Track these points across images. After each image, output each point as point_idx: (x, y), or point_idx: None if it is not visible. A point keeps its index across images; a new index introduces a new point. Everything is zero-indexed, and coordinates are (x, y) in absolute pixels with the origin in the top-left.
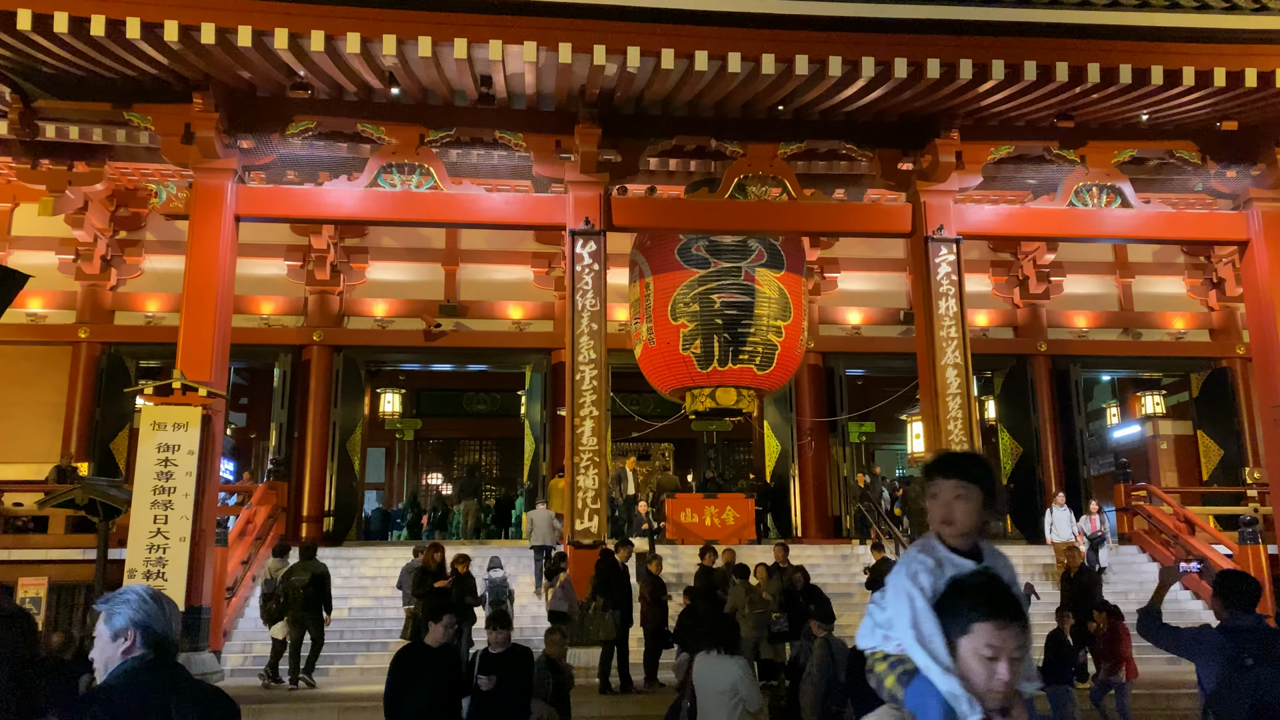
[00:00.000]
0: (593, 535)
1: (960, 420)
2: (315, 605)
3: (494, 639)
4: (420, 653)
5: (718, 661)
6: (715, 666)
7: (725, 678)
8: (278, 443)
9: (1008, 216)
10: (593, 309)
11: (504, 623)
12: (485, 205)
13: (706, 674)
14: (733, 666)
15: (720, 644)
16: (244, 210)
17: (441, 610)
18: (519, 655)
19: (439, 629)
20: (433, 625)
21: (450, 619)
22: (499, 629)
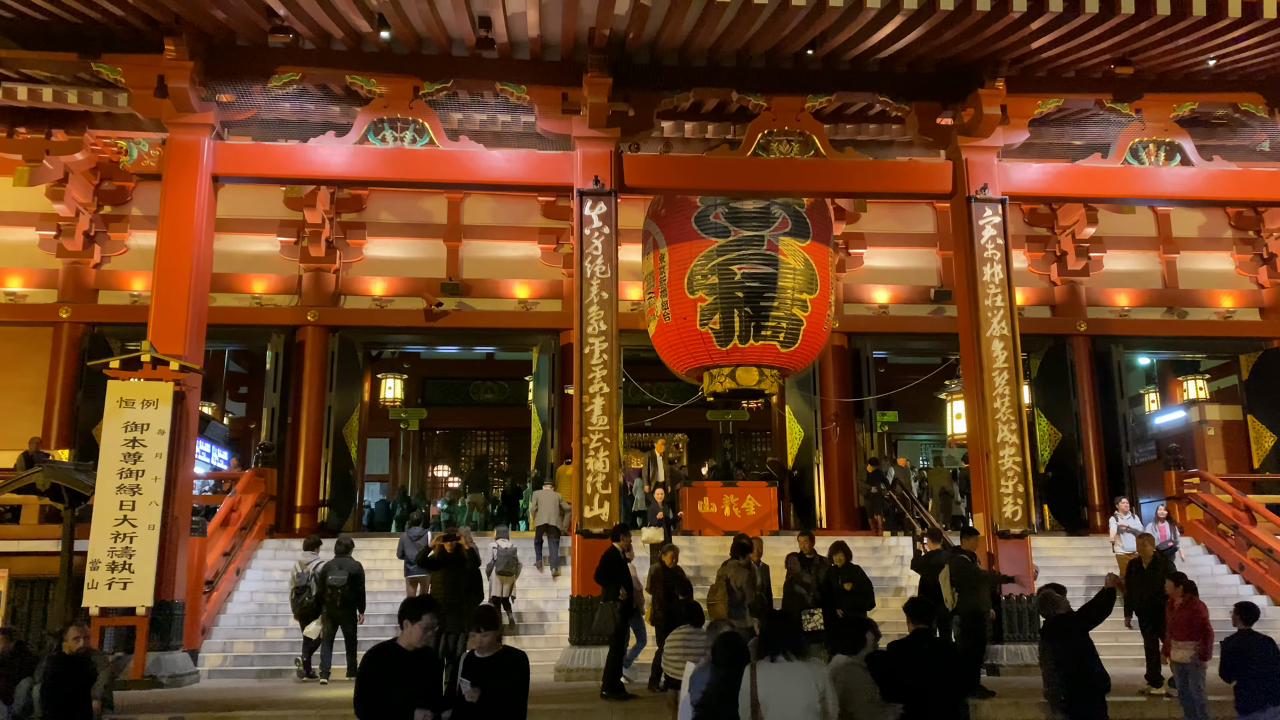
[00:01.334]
0: (603, 523)
1: (1007, 398)
2: (351, 603)
3: (480, 641)
4: (394, 657)
5: (790, 671)
6: (789, 677)
7: (805, 691)
8: (269, 428)
9: (1057, 175)
10: (602, 276)
11: (491, 622)
12: (485, 164)
13: (778, 689)
14: (809, 673)
15: (786, 646)
16: (222, 169)
17: (420, 609)
18: (510, 661)
19: (416, 630)
20: (408, 625)
21: (430, 619)
22: (486, 629)
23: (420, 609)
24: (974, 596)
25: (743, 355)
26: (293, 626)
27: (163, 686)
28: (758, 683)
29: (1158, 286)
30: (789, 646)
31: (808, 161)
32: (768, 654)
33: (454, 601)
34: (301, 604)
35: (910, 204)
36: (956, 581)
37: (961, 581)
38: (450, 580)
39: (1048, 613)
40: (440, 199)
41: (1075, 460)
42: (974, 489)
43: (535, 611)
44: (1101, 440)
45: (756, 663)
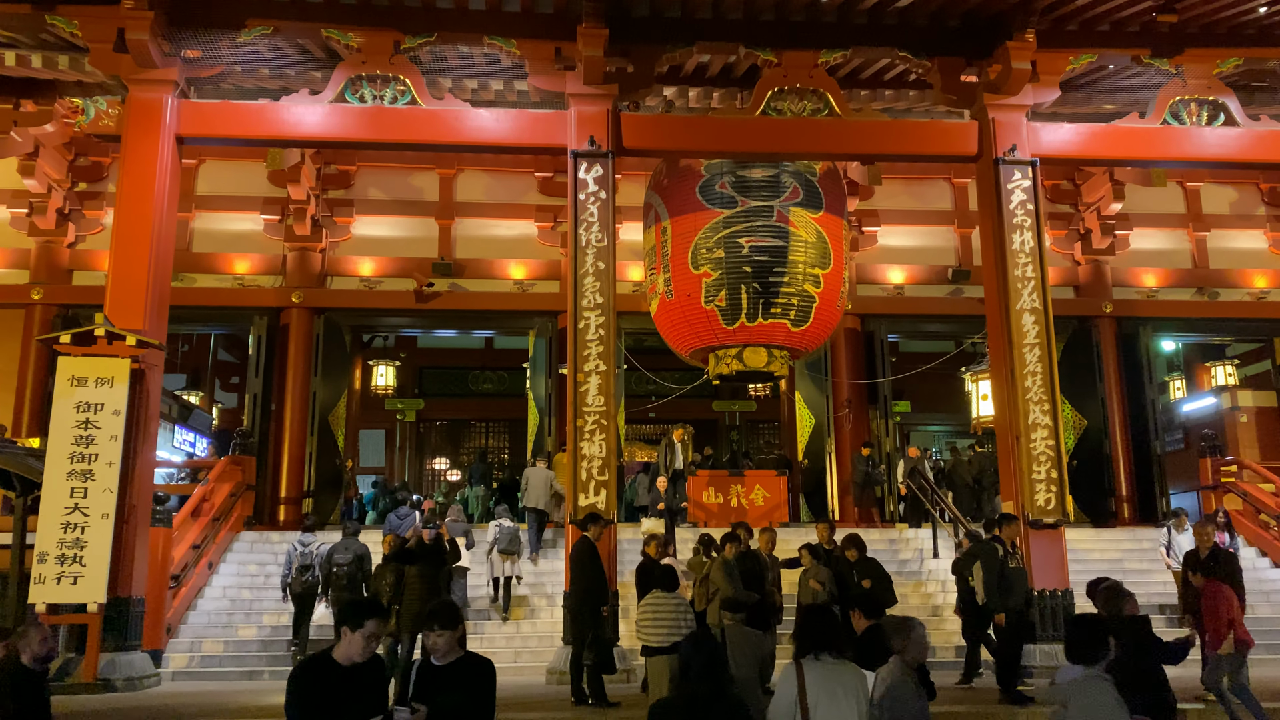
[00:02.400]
0: (600, 512)
1: (1039, 376)
2: (357, 586)
3: (435, 643)
4: (328, 674)
5: (837, 672)
6: (839, 679)
7: (854, 696)
8: (251, 415)
9: (1091, 136)
10: (599, 244)
11: (449, 619)
12: (471, 123)
13: (829, 692)
14: (856, 676)
15: (829, 643)
16: (187, 129)
17: (361, 613)
18: (472, 671)
19: (356, 640)
20: (347, 634)
21: (375, 626)
22: (441, 628)
23: (361, 613)
24: (1010, 591)
25: (750, 335)
26: (266, 625)
27: (116, 690)
28: (806, 684)
29: (1187, 266)
30: (831, 644)
31: (822, 121)
32: (811, 652)
33: (434, 596)
34: (304, 584)
35: (927, 179)
36: (989, 574)
37: (993, 573)
38: (428, 576)
39: (1114, 610)
40: (432, 174)
41: (1101, 448)
42: (1003, 475)
43: (516, 597)
44: (1129, 427)
45: (802, 661)
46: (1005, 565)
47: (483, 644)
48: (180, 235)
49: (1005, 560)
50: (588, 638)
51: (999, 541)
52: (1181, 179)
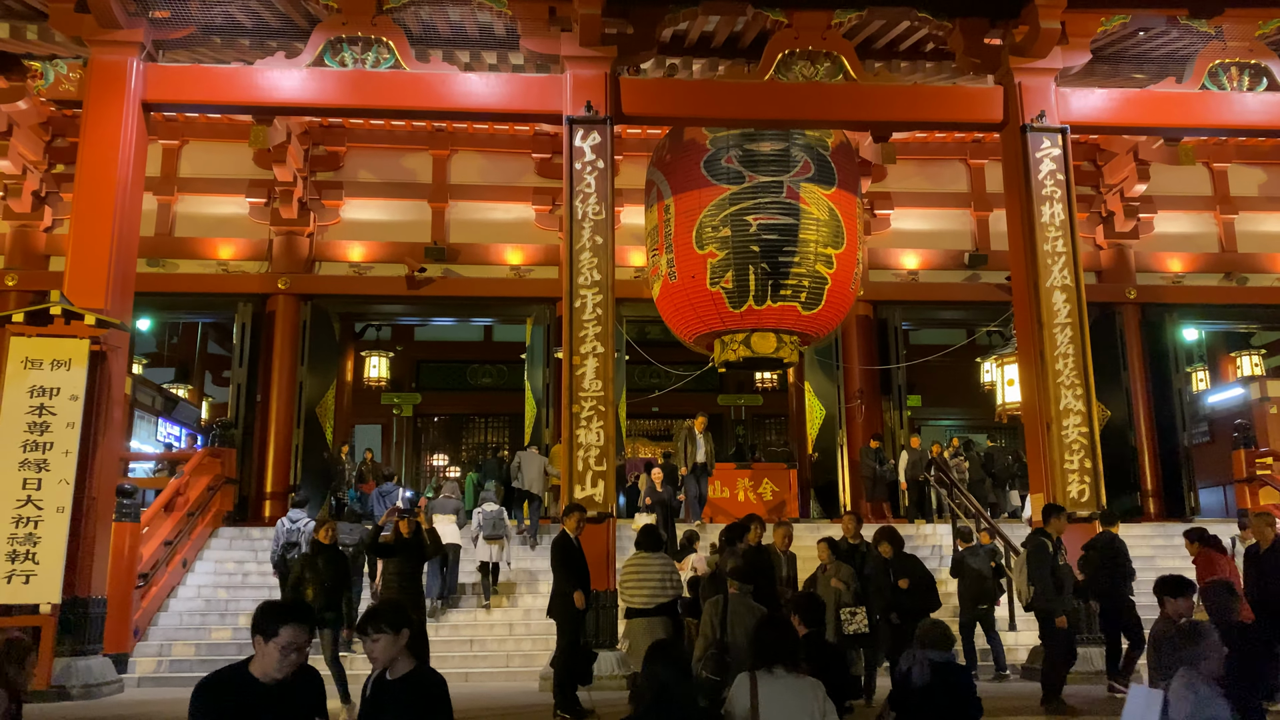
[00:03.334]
0: (597, 505)
1: (1071, 358)
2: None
3: (372, 649)
4: (243, 692)
5: (794, 685)
6: (794, 693)
7: (808, 707)
8: (235, 406)
9: (1125, 102)
10: (596, 217)
11: (396, 621)
12: (459, 89)
13: (782, 705)
14: (810, 691)
15: (786, 656)
16: (153, 95)
17: (276, 619)
18: (418, 691)
19: (270, 653)
20: (259, 644)
21: (293, 634)
22: (377, 630)
23: (273, 618)
24: (1058, 591)
25: (759, 318)
26: (242, 626)
27: (72, 698)
28: (759, 697)
29: (1214, 250)
30: (786, 657)
31: (836, 85)
32: (765, 664)
33: (412, 598)
34: (290, 561)
35: (941, 160)
36: (1040, 573)
37: (1045, 572)
38: (408, 571)
39: (1225, 613)
40: (424, 155)
41: (1126, 441)
42: (1031, 465)
43: (514, 585)
44: (1154, 419)
45: (756, 673)
46: (1055, 562)
47: (475, 631)
48: (162, 220)
49: (1055, 556)
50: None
51: (1046, 536)
52: (1208, 159)
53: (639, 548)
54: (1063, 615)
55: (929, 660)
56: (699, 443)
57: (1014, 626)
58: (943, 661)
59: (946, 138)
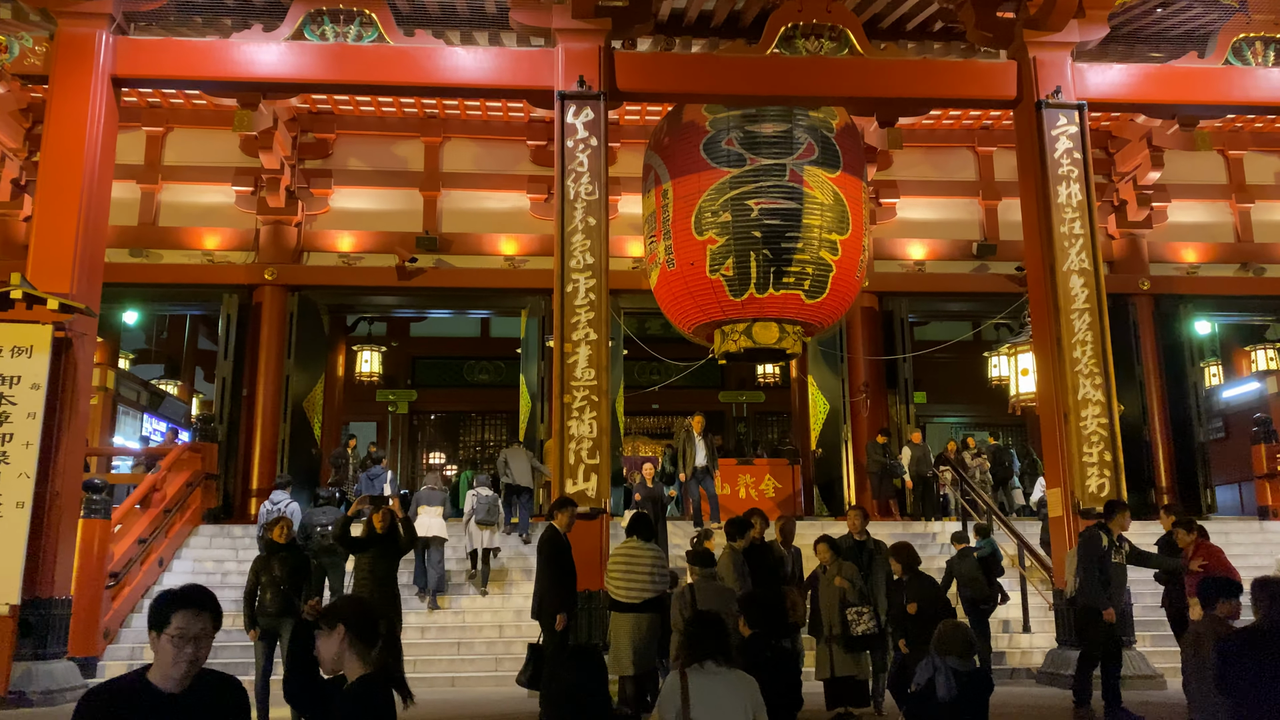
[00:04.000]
0: (589, 500)
1: (1090, 345)
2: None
3: (319, 649)
4: (134, 708)
5: (726, 680)
6: (725, 688)
7: (738, 706)
8: (219, 401)
9: (1145, 78)
10: (589, 198)
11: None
12: (446, 63)
13: (714, 702)
14: (743, 685)
15: (716, 650)
16: (123, 69)
17: (171, 603)
18: (358, 701)
19: (164, 649)
20: (154, 641)
21: (185, 621)
22: (320, 626)
23: (167, 604)
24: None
25: (760, 307)
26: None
27: (32, 704)
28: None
29: (1229, 240)
30: (718, 652)
31: (842, 60)
32: (696, 660)
33: (386, 599)
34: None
35: (948, 148)
36: (1089, 566)
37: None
38: (382, 569)
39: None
40: (416, 143)
41: (1140, 436)
42: (1047, 459)
43: (506, 572)
44: (1168, 414)
45: (688, 669)
46: (1108, 558)
47: (464, 634)
48: (146, 208)
49: (1109, 553)
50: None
51: (1104, 530)
52: (1224, 146)
53: (630, 534)
54: (1110, 609)
55: (953, 670)
56: (698, 444)
57: (1028, 628)
58: (967, 672)
59: (954, 124)
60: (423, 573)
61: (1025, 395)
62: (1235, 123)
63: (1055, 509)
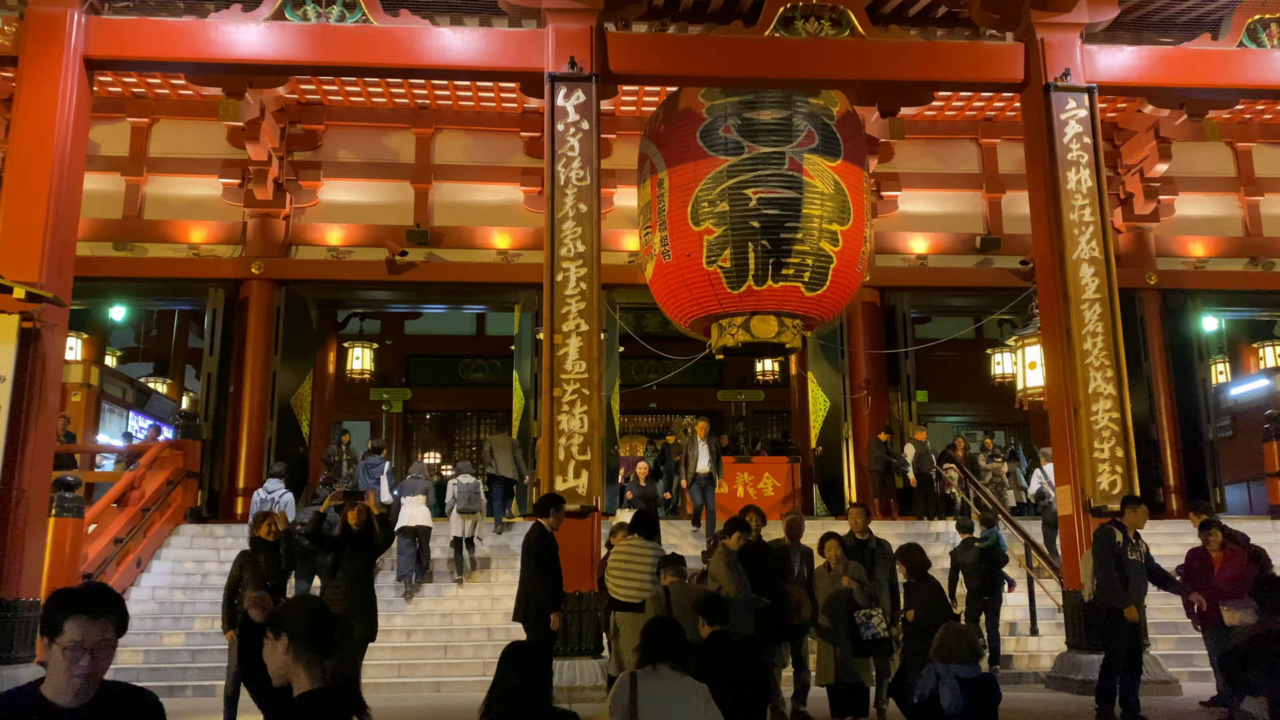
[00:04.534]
0: (580, 497)
1: (1101, 337)
2: None
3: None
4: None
5: (677, 686)
6: (676, 694)
7: (688, 712)
8: (205, 397)
9: (1157, 61)
10: (580, 183)
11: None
12: (431, 43)
13: (661, 705)
14: (695, 693)
15: (669, 655)
16: (96, 50)
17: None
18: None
19: (55, 658)
20: (44, 649)
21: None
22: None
23: (59, 608)
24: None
25: (759, 300)
26: (197, 631)
27: None
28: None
29: (1238, 234)
30: (669, 656)
31: (843, 41)
32: (649, 662)
33: (359, 602)
34: None
35: (951, 139)
36: (1104, 564)
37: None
38: (356, 569)
39: None
40: (407, 134)
41: (1148, 434)
42: (1056, 454)
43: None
44: (1176, 411)
45: (638, 672)
46: (1124, 556)
47: (451, 637)
48: (130, 201)
49: (1124, 550)
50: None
51: (1118, 527)
52: (1231, 139)
53: (632, 531)
54: (1131, 606)
55: (958, 679)
56: (700, 450)
57: (1035, 630)
58: (973, 679)
59: (957, 115)
60: (406, 562)
61: (1033, 389)
62: (1244, 114)
63: (1065, 507)
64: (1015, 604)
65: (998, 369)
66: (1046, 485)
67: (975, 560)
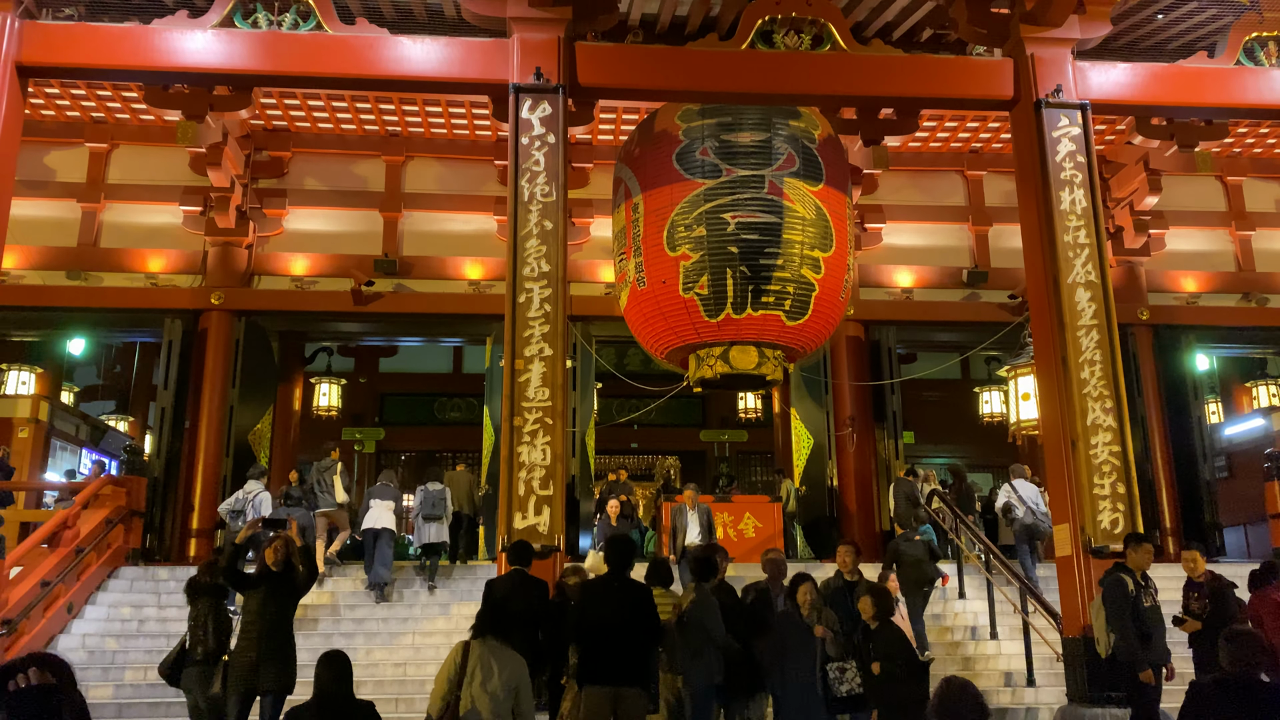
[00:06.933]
0: (540, 536)
1: (1100, 365)
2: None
3: None
4: None
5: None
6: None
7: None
8: (159, 433)
9: (1152, 79)
10: (545, 199)
11: None
12: (389, 54)
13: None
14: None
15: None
16: (30, 56)
17: None
18: None
19: None
20: None
21: None
22: None
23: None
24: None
25: (738, 329)
26: (127, 683)
27: None
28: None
29: (1230, 269)
30: (497, 629)
31: (824, 56)
32: (479, 634)
33: (274, 650)
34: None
35: (936, 171)
36: (1118, 616)
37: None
38: (273, 612)
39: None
40: (377, 162)
41: (1144, 473)
42: (1052, 490)
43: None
44: (1170, 450)
45: (471, 641)
46: (1139, 604)
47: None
48: (86, 229)
49: (1138, 598)
50: None
51: (1126, 571)
52: (1222, 172)
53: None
54: (1148, 669)
55: None
56: (690, 520)
57: (1032, 681)
58: None
59: (942, 146)
60: (374, 562)
61: (1026, 422)
62: (1234, 147)
63: (1064, 547)
64: (1011, 653)
65: (986, 407)
66: (1014, 499)
67: (919, 551)
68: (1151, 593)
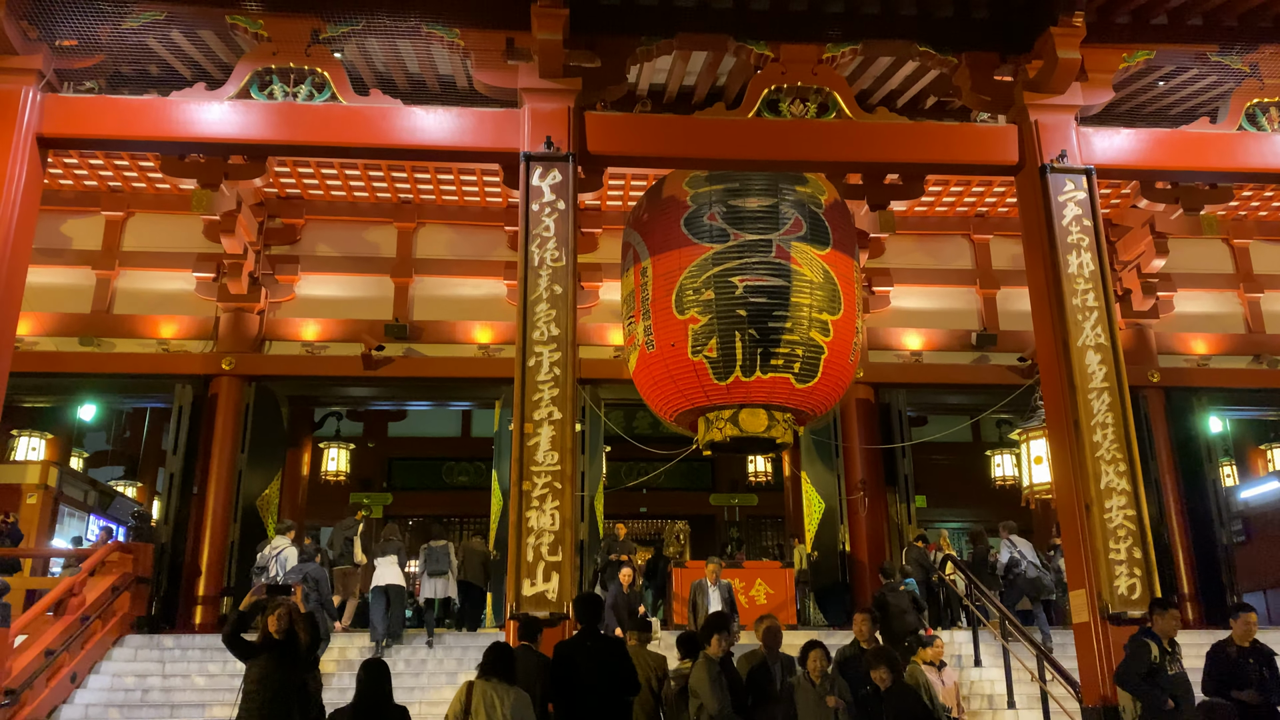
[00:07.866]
0: (549, 604)
1: (1112, 428)
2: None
3: None
4: None
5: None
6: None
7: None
8: (168, 499)
9: (1156, 144)
10: (555, 264)
11: None
12: (403, 123)
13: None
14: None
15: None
16: (50, 128)
17: None
18: None
19: None
20: None
21: None
22: None
23: None
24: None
25: (747, 392)
26: None
27: None
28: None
29: (1240, 331)
30: (501, 671)
31: (829, 124)
32: (483, 675)
33: (281, 716)
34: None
35: (943, 235)
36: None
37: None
38: (276, 681)
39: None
40: (389, 229)
41: (1159, 537)
42: (1069, 555)
43: None
44: (1186, 514)
45: (474, 682)
46: (1163, 671)
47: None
48: (100, 296)
49: (1163, 664)
50: None
51: (1151, 637)
52: (1228, 235)
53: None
54: None
55: None
56: (712, 597)
57: None
58: None
59: (948, 211)
60: (381, 619)
61: (1039, 486)
62: (1239, 210)
63: (1080, 614)
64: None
65: (998, 470)
66: (1016, 553)
67: (904, 601)
68: (1178, 659)
